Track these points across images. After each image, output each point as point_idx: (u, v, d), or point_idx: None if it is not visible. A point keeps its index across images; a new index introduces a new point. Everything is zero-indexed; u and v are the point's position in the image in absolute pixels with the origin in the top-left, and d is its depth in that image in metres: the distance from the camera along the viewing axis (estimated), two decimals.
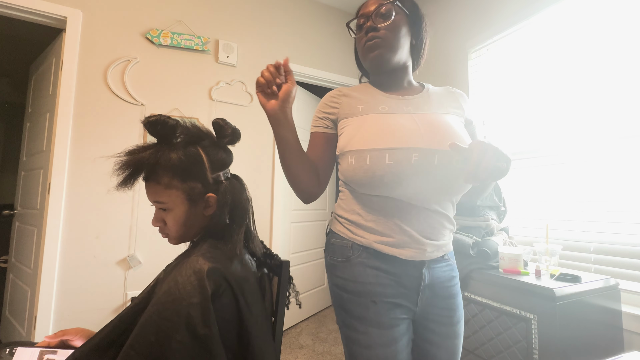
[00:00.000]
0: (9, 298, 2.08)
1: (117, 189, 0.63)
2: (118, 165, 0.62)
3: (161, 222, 0.68)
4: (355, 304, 0.69)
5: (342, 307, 0.72)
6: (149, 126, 0.63)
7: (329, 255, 0.78)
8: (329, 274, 0.77)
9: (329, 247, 0.78)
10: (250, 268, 0.71)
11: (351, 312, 0.70)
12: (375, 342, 0.67)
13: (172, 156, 0.64)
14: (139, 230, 1.85)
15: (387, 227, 0.70)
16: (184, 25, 2.04)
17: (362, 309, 0.69)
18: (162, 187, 0.64)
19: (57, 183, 1.67)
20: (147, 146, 0.65)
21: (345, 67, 2.68)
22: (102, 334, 0.61)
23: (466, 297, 1.30)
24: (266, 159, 2.28)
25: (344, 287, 0.72)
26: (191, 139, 0.68)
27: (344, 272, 0.72)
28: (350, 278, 0.71)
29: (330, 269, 0.77)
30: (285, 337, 2.24)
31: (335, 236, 0.77)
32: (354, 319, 0.69)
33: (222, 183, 0.69)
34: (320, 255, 2.83)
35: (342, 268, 0.73)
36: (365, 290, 0.69)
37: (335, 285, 0.74)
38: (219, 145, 0.71)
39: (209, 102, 2.08)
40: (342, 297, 0.72)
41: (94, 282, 1.73)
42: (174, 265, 0.66)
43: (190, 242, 0.74)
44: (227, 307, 0.59)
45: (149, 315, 0.54)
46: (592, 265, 1.37)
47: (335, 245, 0.76)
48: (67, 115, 1.72)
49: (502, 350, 1.14)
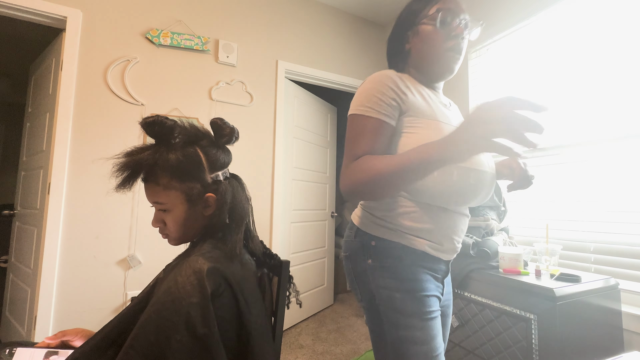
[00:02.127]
0: (9, 298, 2.08)
1: (117, 191, 0.63)
2: (116, 167, 0.62)
3: (161, 223, 0.68)
4: (410, 301, 0.70)
5: (394, 308, 0.70)
6: (147, 127, 0.63)
7: (369, 259, 0.74)
8: (373, 277, 0.73)
9: (369, 250, 0.74)
10: (250, 268, 0.71)
11: (406, 311, 0.69)
12: (431, 334, 0.69)
13: (171, 157, 0.64)
14: (139, 230, 1.85)
15: (440, 234, 0.73)
16: (183, 25, 2.04)
17: (418, 305, 0.70)
18: (160, 187, 0.64)
19: (57, 183, 1.67)
20: (145, 147, 0.65)
21: (346, 67, 2.68)
22: (101, 333, 0.61)
23: (466, 297, 1.30)
24: (266, 159, 2.28)
25: (396, 288, 0.71)
26: (189, 139, 0.67)
27: (395, 273, 0.71)
28: (403, 277, 0.71)
29: (374, 272, 0.73)
30: (285, 337, 2.24)
31: (375, 239, 0.74)
32: (409, 317, 0.69)
33: (221, 183, 0.69)
34: (321, 255, 2.83)
35: (392, 269, 0.72)
36: (418, 287, 0.71)
37: (384, 287, 0.71)
38: (218, 145, 0.71)
39: (209, 102, 2.08)
40: (395, 298, 0.70)
41: (94, 282, 1.73)
42: (174, 265, 0.66)
43: (190, 242, 0.74)
44: (226, 307, 0.59)
45: (149, 315, 0.54)
46: (592, 265, 1.37)
47: (380, 248, 0.73)
48: (67, 115, 1.72)
49: (502, 350, 1.14)
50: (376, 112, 0.68)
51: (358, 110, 0.69)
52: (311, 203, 2.75)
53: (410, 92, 0.72)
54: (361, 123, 0.68)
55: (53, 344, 0.70)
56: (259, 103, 2.27)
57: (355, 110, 0.70)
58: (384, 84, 0.70)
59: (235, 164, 2.04)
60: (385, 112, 0.68)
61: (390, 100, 0.69)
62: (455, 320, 1.33)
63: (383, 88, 0.69)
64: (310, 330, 2.37)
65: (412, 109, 0.70)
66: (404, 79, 0.74)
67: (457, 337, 1.32)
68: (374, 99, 0.68)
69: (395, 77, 0.72)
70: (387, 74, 0.72)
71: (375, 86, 0.70)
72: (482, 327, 1.22)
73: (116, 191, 0.63)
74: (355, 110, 0.70)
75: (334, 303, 3.03)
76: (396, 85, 0.70)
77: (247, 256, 0.73)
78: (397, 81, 0.71)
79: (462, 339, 1.30)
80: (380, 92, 0.69)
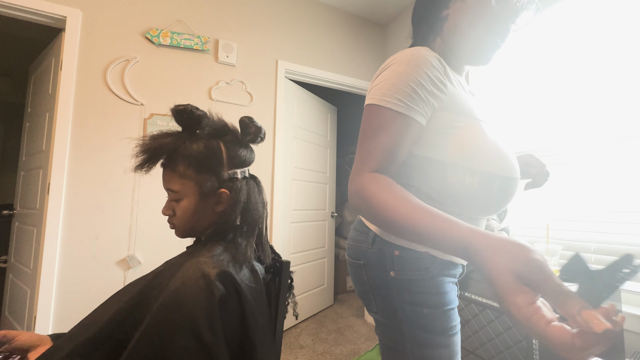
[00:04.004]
0: (8, 298, 2.07)
1: (134, 171, 0.63)
2: (139, 148, 0.62)
3: (171, 211, 0.67)
4: (437, 317, 0.62)
5: (421, 326, 0.62)
6: (177, 114, 0.64)
7: (392, 271, 0.64)
8: (397, 291, 0.63)
9: (393, 261, 0.64)
10: (259, 276, 0.69)
11: (433, 329, 0.61)
12: (455, 350, 0.62)
13: (193, 146, 0.64)
14: (138, 230, 1.85)
15: None
16: (183, 25, 2.04)
17: (444, 320, 0.62)
18: (176, 175, 0.64)
19: (56, 183, 1.67)
20: (170, 133, 0.65)
21: (346, 67, 2.68)
22: (97, 326, 0.58)
23: (466, 297, 1.30)
24: (266, 159, 2.28)
25: (424, 303, 0.62)
26: (215, 132, 0.67)
27: (423, 287, 0.62)
28: (431, 291, 0.62)
29: (400, 286, 0.63)
30: (285, 338, 2.24)
31: (399, 248, 0.63)
32: (436, 335, 0.62)
33: (238, 180, 0.68)
34: (321, 255, 2.83)
35: (420, 282, 0.62)
36: (445, 300, 0.63)
37: (410, 303, 0.62)
38: (242, 142, 0.70)
39: (209, 102, 2.08)
40: (422, 314, 0.62)
41: (94, 282, 1.73)
42: (179, 263, 0.64)
43: (197, 240, 0.73)
44: (232, 315, 0.58)
45: (154, 317, 0.53)
46: None
47: (405, 258, 0.63)
48: (67, 115, 1.71)
49: (503, 350, 1.14)
50: (407, 107, 0.54)
51: (383, 101, 0.55)
52: (311, 203, 2.75)
53: (450, 81, 0.60)
54: (384, 118, 0.55)
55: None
56: (259, 103, 2.27)
57: (379, 101, 0.55)
58: (422, 70, 0.55)
59: None
60: (418, 109, 0.55)
61: (426, 93, 0.56)
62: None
63: (420, 76, 0.55)
64: (311, 331, 2.37)
65: (452, 105, 0.58)
66: (443, 63, 0.60)
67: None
68: (407, 89, 0.54)
69: (435, 62, 0.57)
70: (426, 55, 0.57)
71: (410, 71, 0.55)
72: (482, 327, 1.22)
73: (134, 171, 0.63)
74: (379, 101, 0.55)
75: (334, 303, 3.02)
76: (436, 74, 0.57)
77: (257, 263, 0.71)
78: (438, 67, 0.57)
79: (462, 339, 1.30)
80: (416, 82, 0.55)
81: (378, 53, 2.87)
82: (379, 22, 2.89)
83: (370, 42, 2.84)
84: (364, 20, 2.82)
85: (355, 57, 2.74)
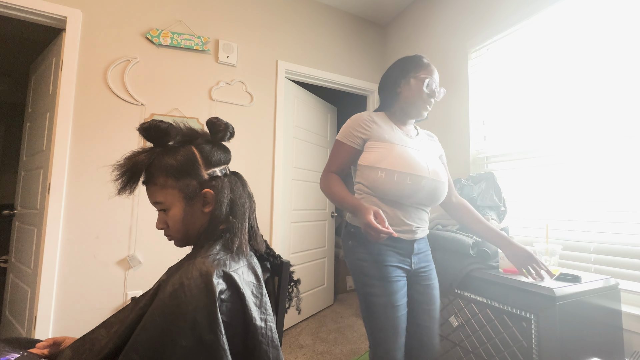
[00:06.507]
0: (9, 298, 2.08)
1: (119, 194, 0.64)
2: (116, 171, 0.63)
3: (164, 224, 0.68)
4: (373, 268, 1.02)
5: (363, 272, 1.03)
6: (144, 132, 0.65)
7: (349, 240, 1.09)
8: (351, 252, 1.07)
9: (349, 235, 1.10)
10: (258, 272, 0.70)
11: (370, 274, 1.02)
12: (390, 290, 1.00)
13: (166, 156, 0.65)
14: (139, 230, 1.85)
15: (395, 220, 1.04)
16: (184, 25, 2.04)
17: (377, 270, 1.01)
18: (158, 187, 0.65)
19: (57, 183, 1.67)
20: (142, 150, 0.66)
21: (346, 67, 2.68)
22: (111, 343, 0.57)
23: (466, 297, 1.30)
24: (266, 159, 2.28)
25: (364, 259, 1.03)
26: (185, 138, 0.69)
27: (365, 249, 1.04)
28: (369, 252, 1.03)
29: (352, 249, 1.07)
30: (285, 337, 2.24)
31: (354, 227, 1.08)
32: (371, 278, 1.01)
33: (219, 179, 0.69)
34: (321, 255, 2.83)
35: (363, 247, 1.04)
36: (379, 259, 1.02)
37: (357, 259, 1.05)
38: (213, 141, 0.71)
39: (209, 102, 2.08)
40: (363, 266, 1.03)
41: (94, 282, 1.73)
42: (178, 267, 0.64)
43: (194, 244, 0.73)
44: (233, 312, 0.58)
45: (153, 319, 0.53)
46: (592, 265, 1.37)
47: (356, 232, 1.07)
48: (67, 115, 1.72)
49: (502, 350, 1.14)
50: (348, 140, 1.08)
51: (339, 137, 1.10)
52: (311, 203, 2.75)
53: (377, 125, 1.07)
54: (339, 146, 1.09)
55: (46, 351, 0.69)
56: (259, 103, 2.27)
57: (338, 137, 1.10)
58: (357, 122, 1.07)
59: (235, 163, 2.03)
60: (353, 141, 1.07)
61: (358, 133, 1.07)
62: (455, 320, 1.33)
63: (354, 125, 1.07)
64: (311, 330, 2.37)
65: (374, 136, 1.06)
66: (374, 117, 1.09)
67: (457, 337, 1.32)
68: (349, 130, 1.08)
69: (366, 118, 1.08)
70: (361, 115, 1.09)
71: (352, 124, 1.08)
72: (482, 327, 1.22)
73: (118, 195, 0.64)
74: (338, 137, 1.10)
75: (334, 303, 3.03)
76: (365, 124, 1.07)
77: (254, 259, 0.72)
78: (367, 120, 1.07)
79: (462, 339, 1.30)
80: (353, 129, 1.08)
81: (378, 53, 2.87)
82: (379, 23, 2.89)
83: (370, 43, 2.84)
84: (364, 21, 2.82)
85: (355, 58, 2.74)
